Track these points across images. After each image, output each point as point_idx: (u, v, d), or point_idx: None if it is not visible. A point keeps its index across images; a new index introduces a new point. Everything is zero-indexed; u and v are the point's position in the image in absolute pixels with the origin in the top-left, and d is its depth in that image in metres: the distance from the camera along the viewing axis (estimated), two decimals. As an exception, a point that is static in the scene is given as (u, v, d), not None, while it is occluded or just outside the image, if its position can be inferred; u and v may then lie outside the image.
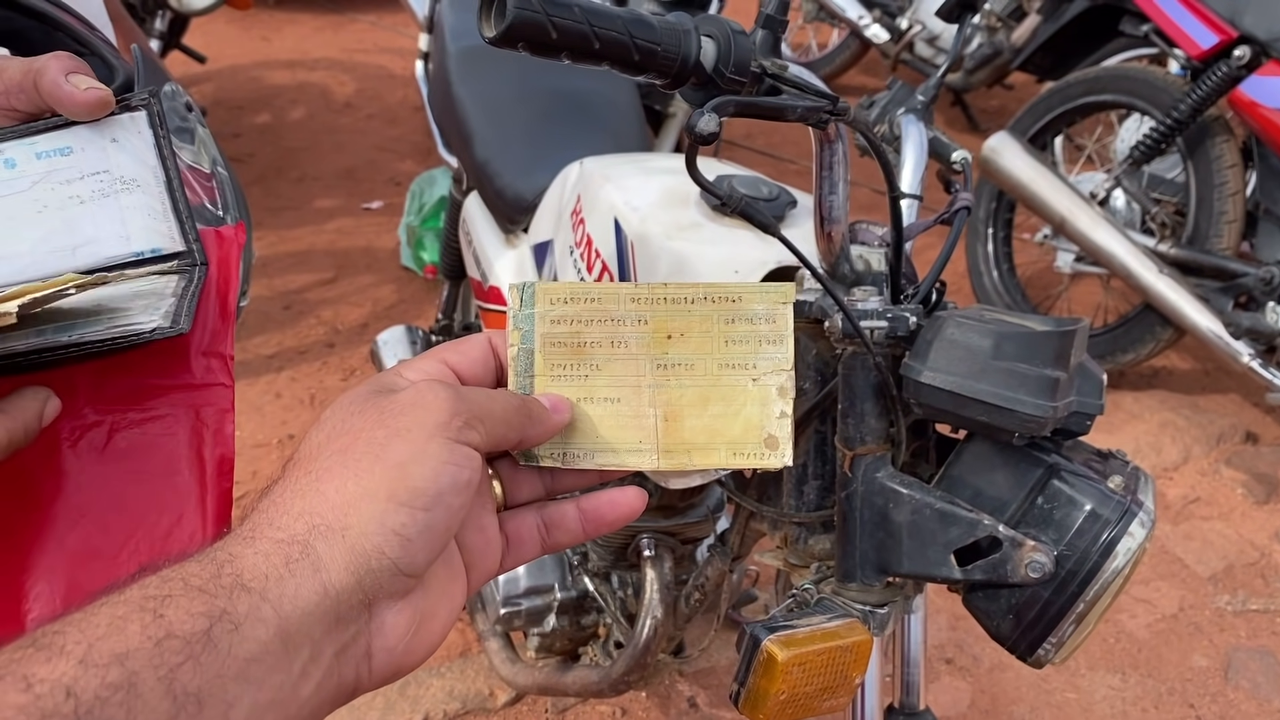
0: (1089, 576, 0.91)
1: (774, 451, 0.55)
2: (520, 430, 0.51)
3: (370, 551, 0.43)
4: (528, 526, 0.55)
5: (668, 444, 0.54)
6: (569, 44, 0.72)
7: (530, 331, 0.54)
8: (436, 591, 0.48)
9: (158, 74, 0.87)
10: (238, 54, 5.06)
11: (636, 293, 0.55)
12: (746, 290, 0.55)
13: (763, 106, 0.78)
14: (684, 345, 0.55)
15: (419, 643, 0.47)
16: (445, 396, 0.47)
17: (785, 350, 0.55)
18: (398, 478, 0.44)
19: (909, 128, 1.23)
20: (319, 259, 3.50)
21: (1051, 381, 0.90)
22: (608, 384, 0.54)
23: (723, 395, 0.55)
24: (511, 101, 1.82)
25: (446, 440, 0.46)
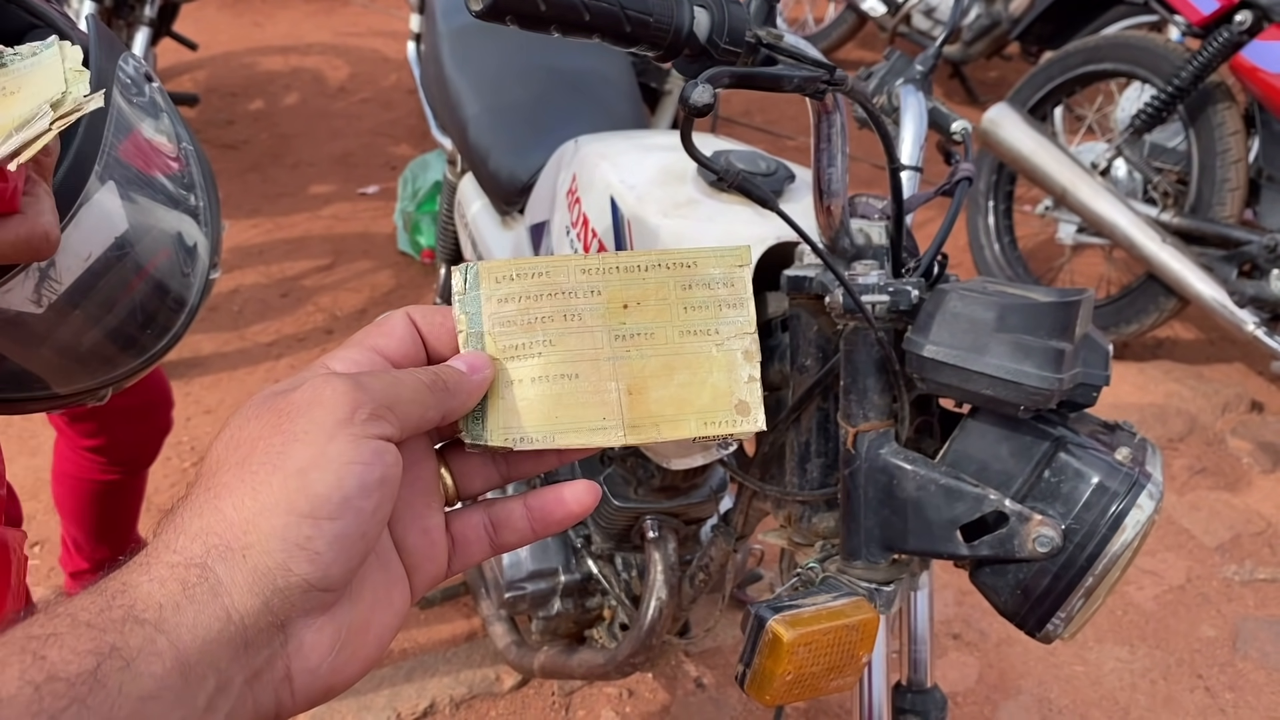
0: (1097, 550, 0.90)
1: (745, 417, 0.53)
2: (440, 405, 0.47)
3: (275, 570, 0.40)
4: (474, 526, 0.52)
5: (634, 418, 0.52)
6: (558, 15, 0.70)
7: (477, 314, 0.52)
8: (368, 601, 0.45)
9: (113, 44, 0.86)
10: (230, 40, 5.02)
11: (586, 264, 0.53)
12: (701, 255, 0.53)
13: (758, 77, 0.76)
14: (641, 314, 0.53)
15: (350, 659, 0.44)
16: (343, 389, 0.43)
17: (746, 313, 0.53)
18: (298, 487, 0.40)
19: (908, 99, 1.22)
20: (316, 245, 3.48)
21: (1057, 353, 0.89)
22: (563, 359, 0.52)
23: (687, 363, 0.53)
24: (505, 81, 1.80)
25: (350, 438, 0.42)
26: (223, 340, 2.92)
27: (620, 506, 1.41)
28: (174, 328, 0.93)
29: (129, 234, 0.83)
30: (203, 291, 0.94)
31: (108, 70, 0.82)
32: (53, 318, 0.80)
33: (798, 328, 1.07)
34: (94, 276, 0.82)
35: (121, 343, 0.87)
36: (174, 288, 0.89)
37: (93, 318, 0.84)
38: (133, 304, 0.86)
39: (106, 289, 0.83)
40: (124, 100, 0.84)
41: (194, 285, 0.92)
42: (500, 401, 0.51)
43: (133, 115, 0.85)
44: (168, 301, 0.89)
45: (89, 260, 0.81)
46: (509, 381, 0.51)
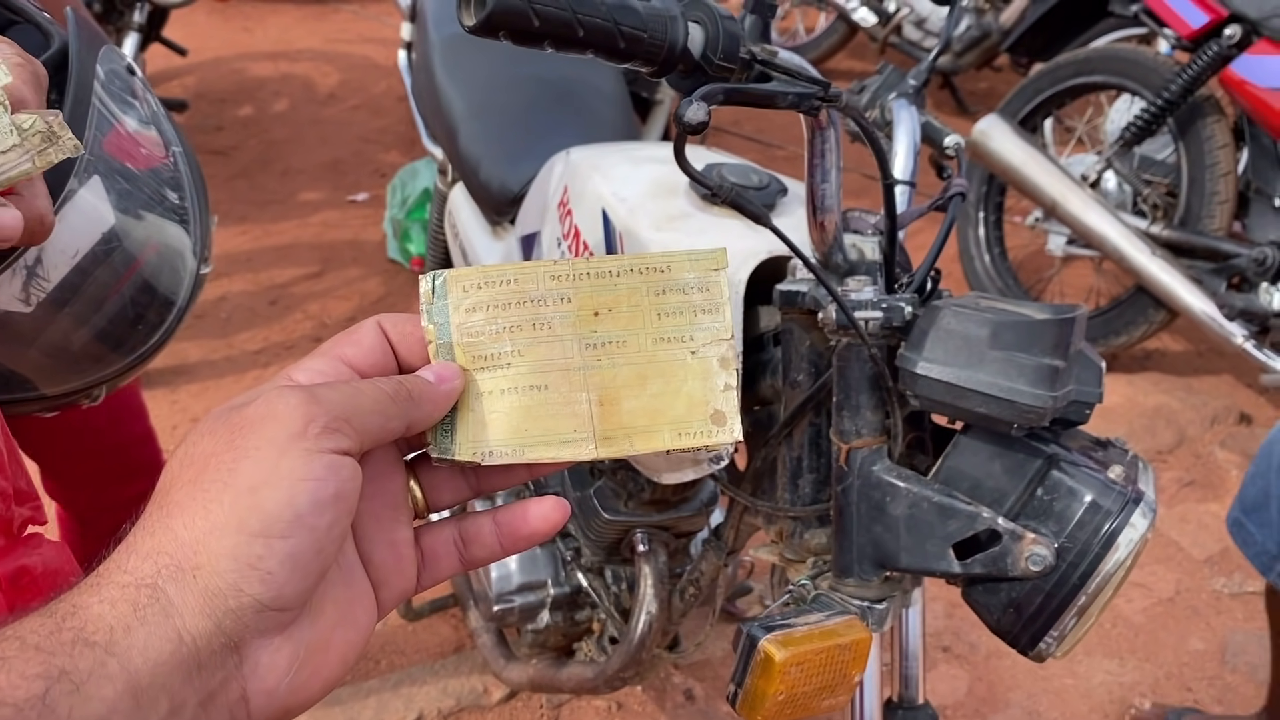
0: (1090, 568, 0.90)
1: (721, 427, 0.51)
2: (403, 415, 0.46)
3: (226, 590, 0.39)
4: (444, 541, 0.50)
5: (605, 430, 0.50)
6: (552, 31, 0.70)
7: (445, 324, 0.50)
8: (330, 619, 0.44)
9: (94, 38, 0.85)
10: (219, 46, 5.01)
11: (556, 270, 0.50)
12: (675, 259, 0.51)
13: (753, 94, 0.76)
14: (613, 321, 0.51)
15: (310, 678, 0.43)
16: (296, 402, 0.42)
17: (723, 319, 0.51)
18: (249, 505, 0.39)
19: (901, 113, 1.21)
20: (305, 253, 3.47)
21: (1050, 370, 0.88)
22: (532, 370, 0.50)
23: (660, 372, 0.51)
24: (496, 91, 1.79)
25: (303, 453, 0.41)
26: (210, 348, 2.91)
27: (610, 519, 1.41)
28: (164, 325, 0.92)
29: (116, 229, 0.83)
30: (193, 288, 0.93)
31: (87, 64, 0.81)
32: (42, 316, 0.79)
33: (790, 342, 1.07)
34: (82, 273, 0.81)
35: (111, 342, 0.86)
36: (163, 284, 0.88)
37: (82, 316, 0.83)
38: (122, 301, 0.85)
39: (95, 286, 0.82)
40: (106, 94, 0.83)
41: (184, 281, 0.91)
42: (470, 414, 0.50)
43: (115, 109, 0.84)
44: (157, 298, 0.88)
45: (76, 257, 0.80)
46: (479, 393, 0.50)
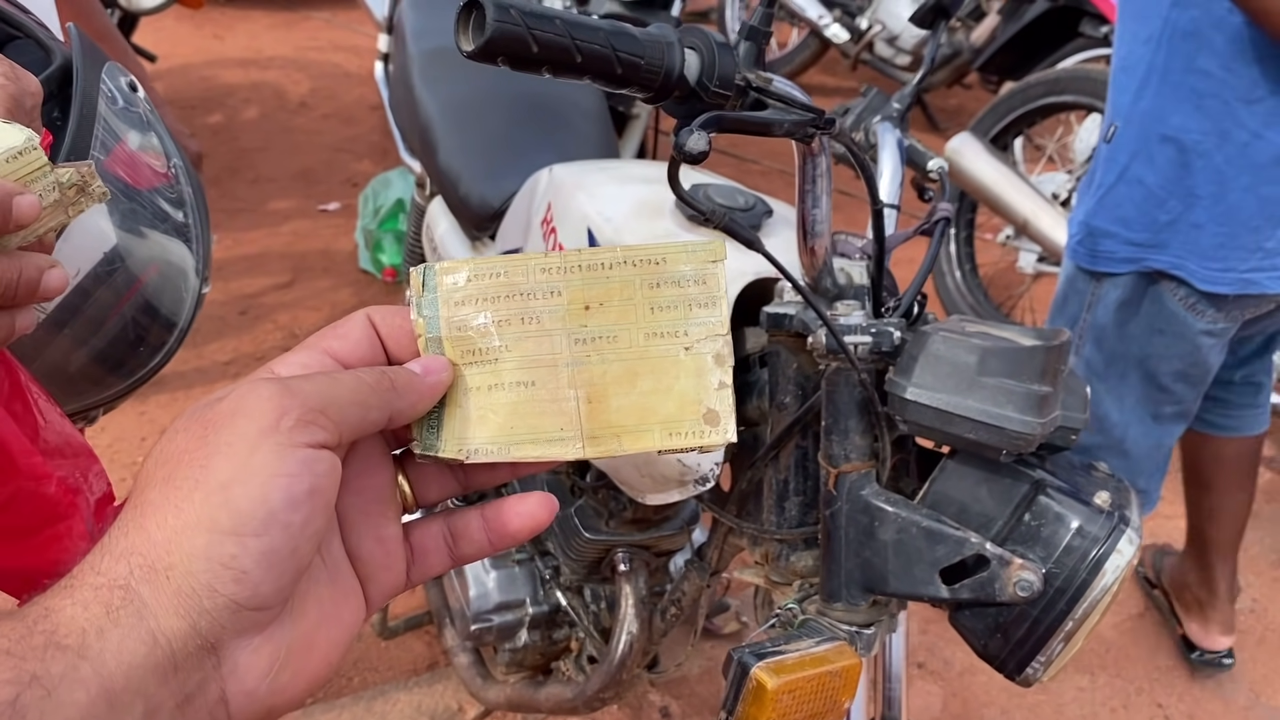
0: (1078, 594, 0.90)
1: (714, 428, 0.49)
2: (384, 406, 0.44)
3: (200, 590, 0.38)
4: (433, 536, 0.49)
5: (593, 429, 0.49)
6: (550, 58, 0.69)
7: (435, 317, 0.49)
8: (313, 617, 0.43)
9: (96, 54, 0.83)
10: (189, 52, 4.96)
11: (546, 262, 0.49)
12: (671, 250, 0.49)
13: (750, 122, 0.76)
14: (604, 316, 0.49)
15: (294, 678, 0.42)
16: (268, 395, 0.41)
17: (719, 313, 0.49)
18: (220, 503, 0.39)
19: (885, 136, 1.22)
20: (275, 262, 3.43)
21: (1039, 397, 0.89)
22: (519, 366, 0.48)
23: (652, 369, 0.49)
24: (476, 105, 1.78)
25: (275, 448, 0.40)
26: (179, 358, 2.84)
27: (592, 539, 1.40)
28: (165, 347, 0.90)
29: (118, 249, 0.81)
30: (195, 308, 0.91)
31: (92, 82, 0.80)
32: (41, 337, 0.77)
33: (777, 365, 1.07)
34: (83, 294, 0.79)
35: (110, 364, 0.85)
36: (165, 305, 0.87)
37: (81, 338, 0.81)
38: (122, 322, 0.83)
39: (95, 307, 0.81)
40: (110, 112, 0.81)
41: (185, 302, 0.89)
42: (457, 410, 0.49)
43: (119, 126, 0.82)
44: (159, 320, 0.86)
45: (78, 277, 0.78)
46: (466, 389, 0.49)
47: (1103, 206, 1.60)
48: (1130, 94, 1.55)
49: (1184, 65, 1.47)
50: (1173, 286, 1.60)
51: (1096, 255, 1.64)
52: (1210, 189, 1.51)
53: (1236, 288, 1.56)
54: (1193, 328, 1.62)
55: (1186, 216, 1.53)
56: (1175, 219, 1.54)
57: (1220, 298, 1.58)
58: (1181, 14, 1.46)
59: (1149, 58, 1.51)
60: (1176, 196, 1.53)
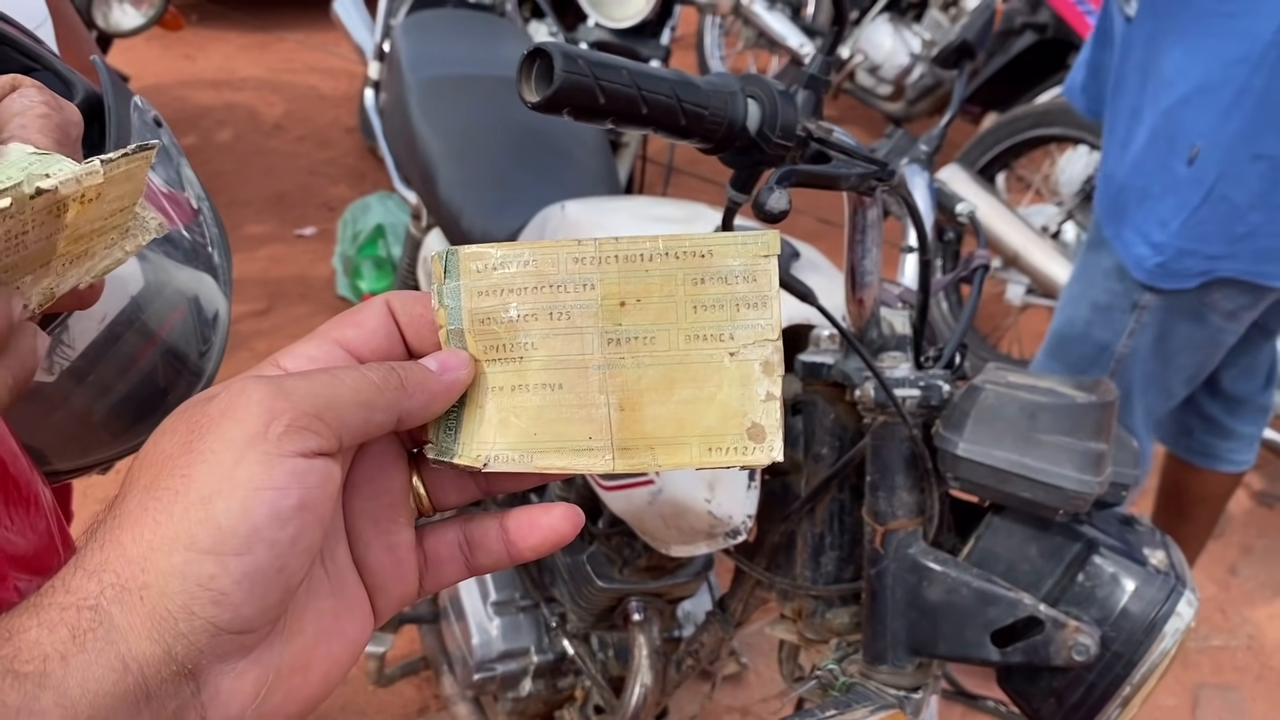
0: (1135, 658, 0.88)
1: (759, 444, 0.44)
2: (391, 408, 0.40)
3: (176, 613, 0.35)
4: (449, 544, 0.45)
5: (625, 439, 0.44)
6: (616, 109, 0.66)
7: (457, 308, 0.44)
8: (310, 635, 0.40)
9: (122, 89, 0.79)
10: (160, 73, 4.87)
11: (581, 251, 0.44)
12: (719, 242, 0.44)
13: (820, 176, 0.73)
14: (641, 314, 0.44)
15: (286, 700, 0.39)
16: (258, 397, 0.37)
17: (770, 315, 0.44)
18: (200, 518, 0.35)
19: (914, 179, 1.19)
20: (251, 289, 3.36)
21: (1096, 455, 0.87)
22: (545, 366, 0.44)
23: (692, 375, 0.44)
24: (477, 137, 1.74)
25: (262, 457, 0.36)
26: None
27: (604, 587, 1.36)
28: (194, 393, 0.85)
29: (144, 293, 0.76)
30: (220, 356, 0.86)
31: (124, 118, 0.75)
32: (66, 385, 0.72)
33: (813, 415, 1.04)
34: (109, 341, 0.74)
35: (132, 415, 0.79)
36: (190, 352, 0.82)
37: (104, 386, 0.76)
38: (149, 369, 0.78)
39: (119, 354, 0.76)
40: None
41: (214, 351, 0.83)
42: (478, 411, 0.44)
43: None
44: (186, 370, 0.80)
45: (104, 322, 0.73)
46: (488, 389, 0.44)
47: (1186, 228, 1.55)
48: (1216, 114, 1.50)
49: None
50: (1222, 298, 1.58)
51: (1172, 274, 1.59)
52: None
53: None
54: (1227, 332, 1.62)
55: (1267, 227, 1.51)
56: (1253, 229, 1.52)
57: (1267, 290, 1.57)
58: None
59: (1243, 79, 1.46)
60: (1260, 210, 1.50)
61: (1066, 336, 1.75)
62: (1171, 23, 1.55)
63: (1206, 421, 1.90)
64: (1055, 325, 1.79)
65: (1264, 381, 1.92)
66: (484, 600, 1.57)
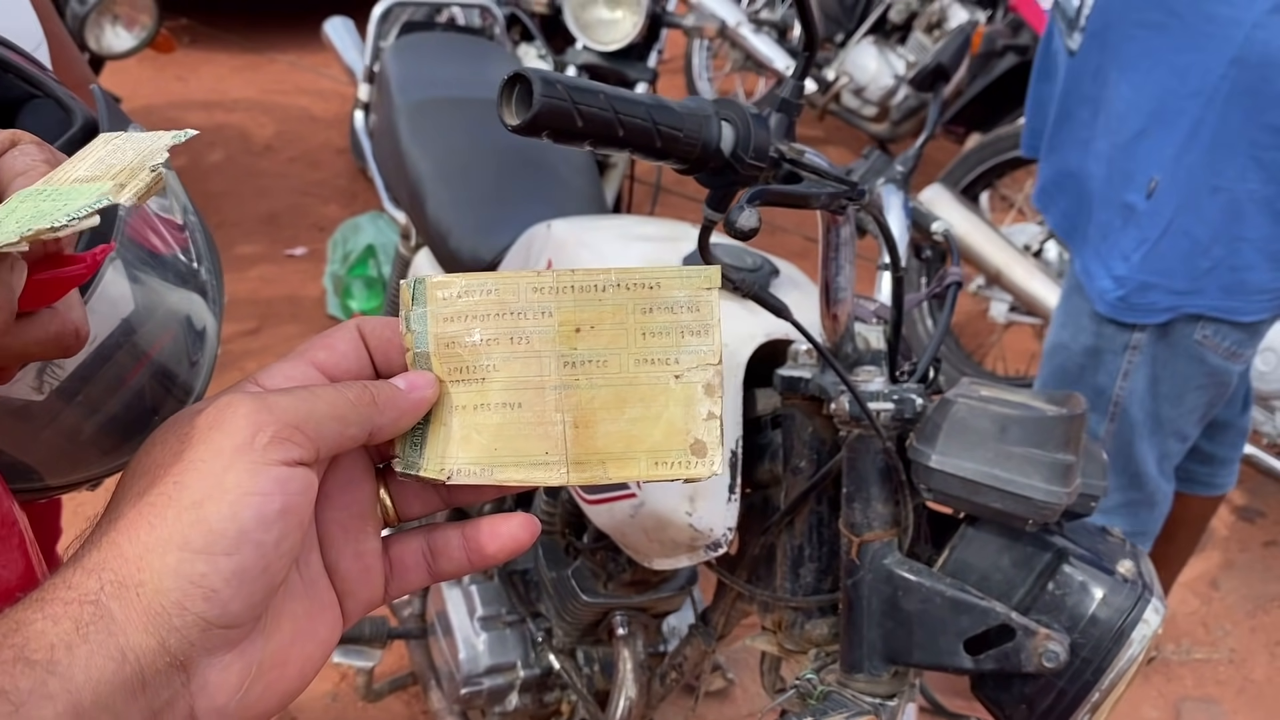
0: (1104, 665, 0.90)
1: (701, 459, 0.48)
2: (364, 422, 0.44)
3: (170, 608, 0.38)
4: (413, 551, 0.49)
5: (578, 454, 0.48)
6: (594, 131, 0.69)
7: (424, 333, 0.48)
8: (287, 633, 0.43)
9: (119, 117, 0.81)
10: (152, 94, 4.90)
11: (539, 282, 0.48)
12: (665, 275, 0.48)
13: (791, 195, 0.75)
14: (595, 339, 0.48)
15: (265, 694, 0.42)
16: (244, 411, 0.40)
17: (711, 342, 0.48)
18: (192, 521, 0.39)
19: (890, 199, 1.23)
20: (241, 309, 3.38)
21: (1064, 466, 0.89)
22: (505, 386, 0.48)
23: (641, 396, 0.48)
24: (465, 158, 1.77)
25: (249, 465, 0.40)
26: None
27: (589, 601, 1.37)
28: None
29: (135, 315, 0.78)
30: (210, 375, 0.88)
31: None
32: (55, 404, 0.74)
33: (791, 428, 1.06)
34: (98, 362, 0.76)
35: (121, 432, 0.81)
36: (180, 373, 0.84)
37: (93, 406, 0.78)
38: (137, 390, 0.80)
39: (109, 375, 0.78)
40: None
41: (202, 369, 0.86)
42: (441, 428, 0.48)
43: None
44: (174, 389, 0.83)
45: (94, 344, 0.75)
46: (452, 407, 0.48)
47: (1147, 261, 1.55)
48: (1173, 147, 1.49)
49: (1243, 120, 1.43)
50: (1215, 336, 1.58)
51: (1134, 308, 1.59)
52: (1263, 231, 1.49)
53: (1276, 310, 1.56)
54: (1230, 371, 1.62)
55: (1229, 260, 1.51)
56: (1216, 264, 1.51)
57: (1258, 324, 1.58)
58: (1244, 71, 1.40)
59: (1197, 113, 1.45)
60: (1222, 243, 1.50)
61: (1060, 384, 1.74)
62: (1119, 57, 1.56)
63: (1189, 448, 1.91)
64: (1046, 373, 1.78)
65: (1241, 406, 1.94)
66: (471, 615, 1.58)
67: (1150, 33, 1.50)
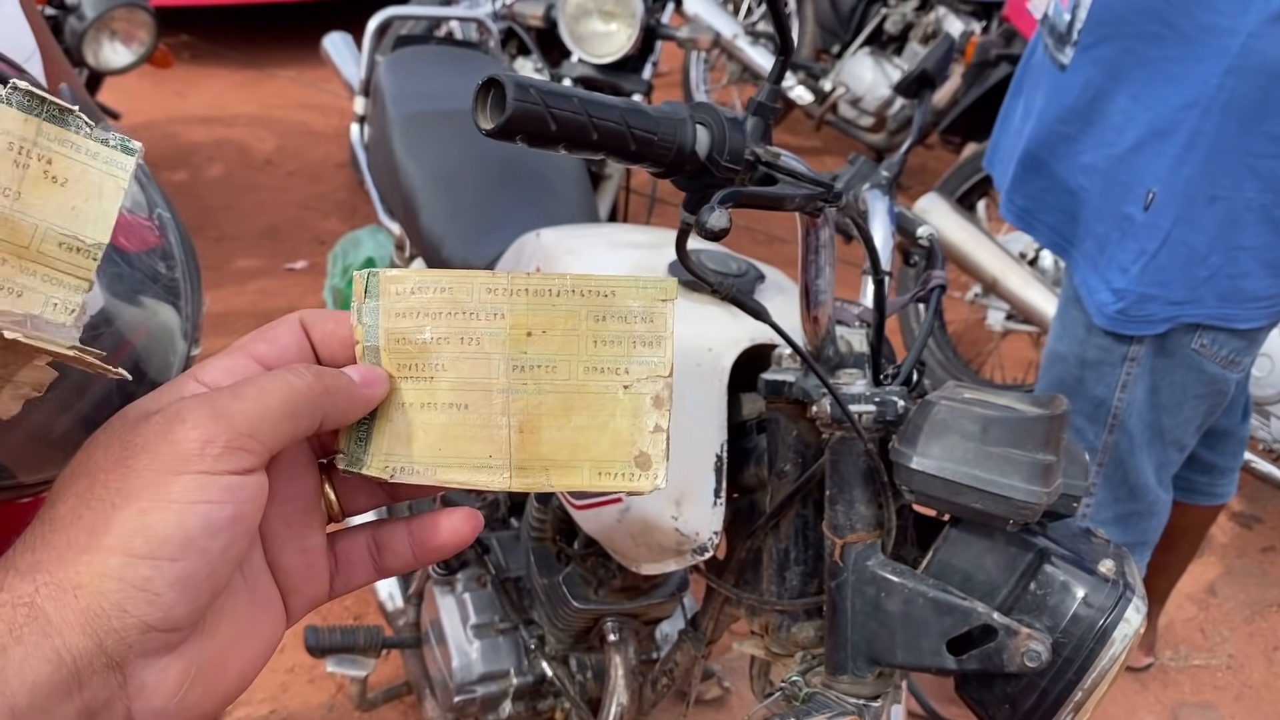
0: (1086, 664, 0.90)
1: (645, 472, 0.48)
2: (315, 413, 0.43)
3: (109, 610, 0.38)
4: (358, 547, 0.49)
5: (522, 459, 0.48)
6: (568, 135, 0.70)
7: (374, 326, 0.47)
8: (228, 634, 0.42)
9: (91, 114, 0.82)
10: (152, 109, 4.93)
11: (494, 283, 0.48)
12: (621, 284, 0.48)
13: (764, 197, 0.76)
14: (545, 344, 0.48)
15: (204, 696, 0.41)
16: (195, 421, 0.40)
17: (663, 354, 0.48)
18: (136, 527, 0.38)
19: (875, 204, 1.23)
20: (241, 322, 3.39)
21: (1044, 467, 0.89)
22: (453, 387, 0.47)
23: (588, 404, 0.48)
24: (458, 169, 1.78)
25: (197, 475, 0.39)
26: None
27: (580, 608, 1.38)
28: None
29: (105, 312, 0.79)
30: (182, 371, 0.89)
31: None
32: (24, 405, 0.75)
33: (776, 432, 1.07)
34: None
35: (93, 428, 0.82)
36: (152, 370, 0.84)
37: (65, 403, 0.79)
38: (108, 388, 0.81)
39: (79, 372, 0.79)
40: None
41: (174, 365, 0.87)
42: (387, 424, 0.48)
43: None
44: (145, 382, 0.83)
45: None
46: (400, 404, 0.48)
47: (1146, 273, 1.55)
48: (1169, 159, 1.49)
49: (1239, 130, 1.43)
50: (1213, 345, 1.58)
51: (1134, 320, 1.59)
52: (1260, 240, 1.49)
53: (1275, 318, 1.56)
54: (1228, 379, 1.62)
55: (1226, 269, 1.50)
56: (1214, 273, 1.51)
57: (1255, 331, 1.58)
58: (1241, 81, 1.40)
59: (1194, 124, 1.45)
60: (1219, 252, 1.50)
61: (1061, 385, 1.73)
62: (1115, 69, 1.55)
63: (1187, 458, 1.88)
64: (1044, 384, 1.77)
65: (1241, 414, 1.94)
66: (464, 623, 1.59)
67: (1146, 44, 1.51)
